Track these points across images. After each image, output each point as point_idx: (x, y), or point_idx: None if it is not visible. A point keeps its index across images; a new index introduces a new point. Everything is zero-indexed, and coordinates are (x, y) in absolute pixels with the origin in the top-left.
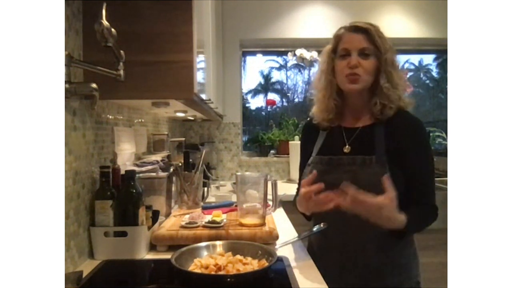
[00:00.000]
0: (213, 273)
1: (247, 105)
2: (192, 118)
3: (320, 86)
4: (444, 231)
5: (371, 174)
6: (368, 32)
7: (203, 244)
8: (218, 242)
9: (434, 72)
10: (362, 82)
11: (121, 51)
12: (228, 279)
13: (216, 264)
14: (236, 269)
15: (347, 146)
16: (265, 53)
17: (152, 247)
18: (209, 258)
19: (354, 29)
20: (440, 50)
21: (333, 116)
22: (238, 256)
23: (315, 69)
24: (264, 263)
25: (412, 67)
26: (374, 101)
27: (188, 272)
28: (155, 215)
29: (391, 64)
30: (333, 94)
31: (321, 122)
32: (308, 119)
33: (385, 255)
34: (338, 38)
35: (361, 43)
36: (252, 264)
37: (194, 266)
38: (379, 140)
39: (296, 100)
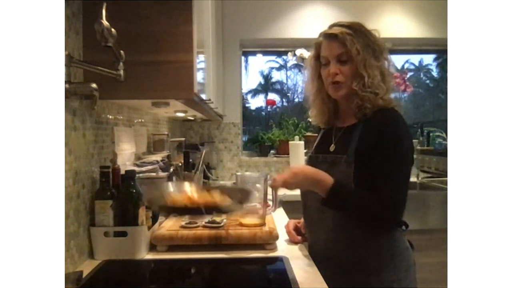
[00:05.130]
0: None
1: (247, 105)
2: (192, 118)
3: (311, 92)
4: (444, 231)
5: (339, 172)
6: (341, 38)
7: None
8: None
9: (434, 72)
10: (345, 88)
11: (121, 51)
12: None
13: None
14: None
15: (332, 145)
16: (265, 53)
17: (152, 247)
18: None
19: (329, 36)
20: (440, 50)
21: (328, 118)
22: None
23: (305, 75)
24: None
25: (412, 67)
26: (354, 102)
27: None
28: (155, 215)
29: (363, 65)
30: (325, 98)
31: (318, 124)
32: None
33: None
34: (318, 45)
35: (336, 50)
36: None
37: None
38: (354, 139)
39: (296, 100)
